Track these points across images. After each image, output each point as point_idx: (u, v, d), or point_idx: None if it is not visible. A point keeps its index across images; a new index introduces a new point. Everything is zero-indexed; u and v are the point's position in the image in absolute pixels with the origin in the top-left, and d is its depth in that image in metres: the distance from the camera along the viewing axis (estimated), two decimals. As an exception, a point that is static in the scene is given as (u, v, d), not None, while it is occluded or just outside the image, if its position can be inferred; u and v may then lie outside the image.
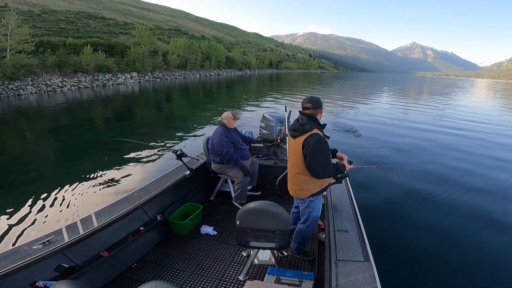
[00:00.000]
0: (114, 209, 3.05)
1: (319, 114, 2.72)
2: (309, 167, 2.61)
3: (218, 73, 64.75)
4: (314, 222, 2.95)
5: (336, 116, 15.24)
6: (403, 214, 5.13)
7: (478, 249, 4.20)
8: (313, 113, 2.66)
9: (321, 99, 2.75)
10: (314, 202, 2.85)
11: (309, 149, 2.53)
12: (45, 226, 4.42)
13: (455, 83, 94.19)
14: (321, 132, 2.67)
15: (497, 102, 32.39)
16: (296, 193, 2.88)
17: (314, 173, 2.61)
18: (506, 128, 14.36)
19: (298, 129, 2.65)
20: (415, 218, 4.99)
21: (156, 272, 2.98)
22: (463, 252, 4.12)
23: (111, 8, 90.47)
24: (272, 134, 5.36)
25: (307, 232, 3.00)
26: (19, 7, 50.35)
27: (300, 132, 2.62)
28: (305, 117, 2.67)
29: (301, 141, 2.59)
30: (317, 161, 2.56)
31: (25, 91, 23.19)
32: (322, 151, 2.56)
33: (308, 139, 2.55)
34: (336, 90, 36.50)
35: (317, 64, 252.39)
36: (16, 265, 2.13)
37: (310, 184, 2.74)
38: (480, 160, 8.47)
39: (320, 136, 2.57)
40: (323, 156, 2.57)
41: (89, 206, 5.01)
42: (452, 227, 4.73)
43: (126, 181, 6.19)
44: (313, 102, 2.66)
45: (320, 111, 2.72)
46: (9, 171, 6.80)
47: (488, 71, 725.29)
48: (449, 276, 3.61)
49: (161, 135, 10.43)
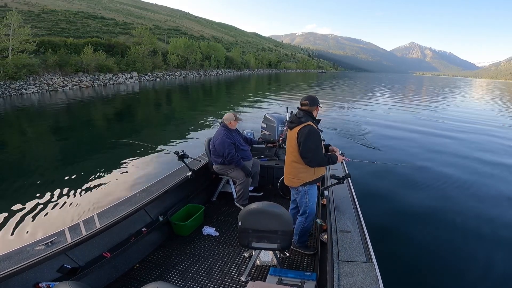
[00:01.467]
0: (116, 210, 3.05)
1: (315, 111, 3.04)
2: (302, 154, 2.86)
3: (217, 73, 64.78)
4: (312, 213, 3.14)
5: (335, 113, 15.29)
6: (405, 214, 5.13)
7: (480, 250, 4.19)
8: (309, 109, 2.99)
9: (318, 98, 3.07)
10: (308, 192, 3.05)
11: (303, 137, 2.81)
12: (48, 227, 4.41)
13: (455, 83, 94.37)
14: (315, 125, 2.94)
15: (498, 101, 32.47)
16: (290, 182, 3.09)
17: (307, 160, 2.85)
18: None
19: (294, 120, 2.97)
20: (418, 219, 4.99)
21: (158, 273, 2.99)
22: (466, 253, 4.11)
23: (110, 8, 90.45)
24: (273, 135, 5.36)
25: (307, 224, 3.16)
26: (19, 7, 50.27)
27: (296, 123, 2.93)
28: (302, 112, 3.00)
29: (296, 130, 2.89)
30: (309, 148, 2.81)
31: (27, 91, 23.37)
32: (314, 139, 2.82)
33: (302, 129, 2.84)
34: (336, 90, 36.54)
35: (316, 64, 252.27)
36: (19, 266, 2.13)
37: (304, 172, 2.97)
38: (481, 159, 8.49)
39: (313, 127, 2.87)
40: (315, 144, 2.82)
41: (91, 207, 5.01)
42: (456, 228, 4.73)
43: (128, 182, 6.19)
44: (310, 100, 3.00)
45: (316, 108, 3.04)
46: (12, 172, 6.81)
47: (486, 71, 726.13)
48: (452, 277, 3.61)
49: (163, 136, 10.45)
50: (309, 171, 2.95)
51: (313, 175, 2.99)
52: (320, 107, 3.10)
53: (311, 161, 2.85)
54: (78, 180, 6.15)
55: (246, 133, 5.28)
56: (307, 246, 3.32)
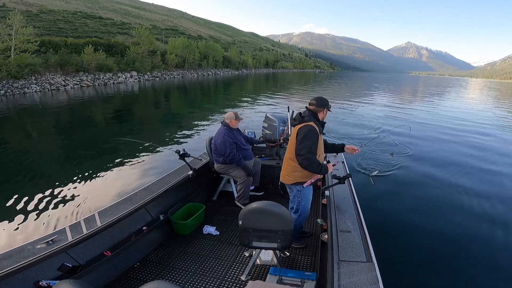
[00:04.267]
0: (117, 209, 3.05)
1: (321, 113, 3.04)
2: (296, 151, 2.88)
3: (215, 73, 64.78)
4: (304, 212, 3.17)
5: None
6: (406, 214, 5.13)
7: (482, 250, 4.18)
8: (315, 109, 3.01)
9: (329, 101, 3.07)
10: (301, 192, 3.06)
11: (301, 136, 2.85)
12: (49, 226, 4.42)
13: (453, 83, 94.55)
14: (317, 126, 2.94)
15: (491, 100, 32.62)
16: (284, 178, 3.13)
17: (300, 158, 2.84)
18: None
19: (297, 119, 3.01)
20: (418, 219, 4.99)
21: (159, 272, 2.99)
22: (467, 254, 4.10)
23: (107, 7, 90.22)
24: (274, 134, 5.36)
25: (299, 222, 3.19)
26: (17, 6, 49.97)
27: (298, 121, 2.98)
28: (307, 111, 3.02)
29: (297, 128, 2.93)
30: (303, 146, 2.80)
31: (30, 90, 23.73)
32: (310, 138, 2.82)
33: (302, 127, 2.88)
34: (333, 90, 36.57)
35: (313, 63, 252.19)
36: (20, 264, 2.13)
37: (297, 172, 2.99)
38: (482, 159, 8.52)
39: (313, 127, 2.87)
40: (309, 142, 2.81)
41: (92, 205, 5.00)
42: (456, 228, 4.72)
43: (129, 180, 6.19)
44: (318, 101, 3.02)
45: (323, 110, 3.04)
46: (14, 170, 6.79)
47: (482, 70, 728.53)
48: (452, 278, 3.61)
49: (164, 135, 10.44)
50: (303, 171, 2.93)
51: (305, 176, 2.99)
52: (330, 111, 3.13)
53: (302, 161, 2.82)
54: (79, 178, 6.14)
55: (248, 132, 5.28)
56: (297, 239, 3.38)
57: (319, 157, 2.93)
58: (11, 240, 4.08)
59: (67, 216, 4.71)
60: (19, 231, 4.30)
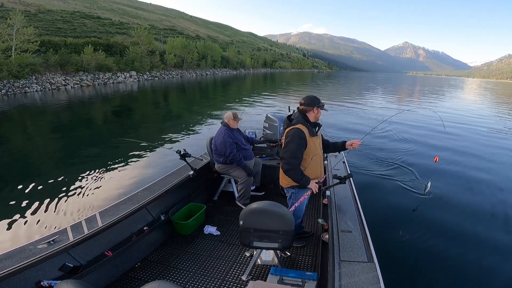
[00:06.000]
0: (118, 209, 3.05)
1: (310, 112, 2.87)
2: (280, 154, 2.85)
3: (213, 72, 64.72)
4: (298, 213, 3.12)
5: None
6: (407, 214, 5.14)
7: (484, 251, 4.18)
8: (304, 109, 2.88)
9: (320, 100, 2.92)
10: (297, 195, 3.02)
11: (287, 139, 2.80)
12: (50, 226, 4.41)
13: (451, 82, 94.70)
14: (307, 128, 2.81)
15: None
16: (280, 181, 3.10)
17: (282, 162, 2.80)
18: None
19: (286, 122, 2.95)
20: (419, 218, 5.00)
21: (160, 272, 2.99)
22: (469, 254, 4.09)
23: (105, 7, 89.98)
24: (275, 134, 5.36)
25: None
26: (15, 6, 49.81)
27: (287, 125, 2.90)
28: (297, 113, 2.91)
29: (286, 132, 2.88)
30: (287, 150, 2.76)
31: (30, 89, 23.86)
32: (295, 142, 2.73)
33: (289, 131, 2.81)
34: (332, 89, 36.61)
35: (311, 63, 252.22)
36: (21, 265, 2.12)
37: None
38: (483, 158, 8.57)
39: (299, 131, 2.75)
40: (294, 146, 2.73)
41: (93, 205, 5.00)
42: (458, 228, 4.72)
43: (130, 181, 6.18)
44: (306, 100, 2.88)
45: (313, 109, 2.87)
46: (14, 170, 6.79)
47: (479, 70, 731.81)
48: (453, 278, 3.61)
49: (164, 135, 10.42)
50: None
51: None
52: (324, 109, 2.97)
53: (284, 165, 2.79)
54: (80, 179, 6.13)
55: (248, 132, 5.28)
56: (296, 239, 3.33)
57: (312, 160, 2.88)
58: (12, 240, 4.07)
59: (68, 216, 4.70)
60: (20, 231, 4.29)
